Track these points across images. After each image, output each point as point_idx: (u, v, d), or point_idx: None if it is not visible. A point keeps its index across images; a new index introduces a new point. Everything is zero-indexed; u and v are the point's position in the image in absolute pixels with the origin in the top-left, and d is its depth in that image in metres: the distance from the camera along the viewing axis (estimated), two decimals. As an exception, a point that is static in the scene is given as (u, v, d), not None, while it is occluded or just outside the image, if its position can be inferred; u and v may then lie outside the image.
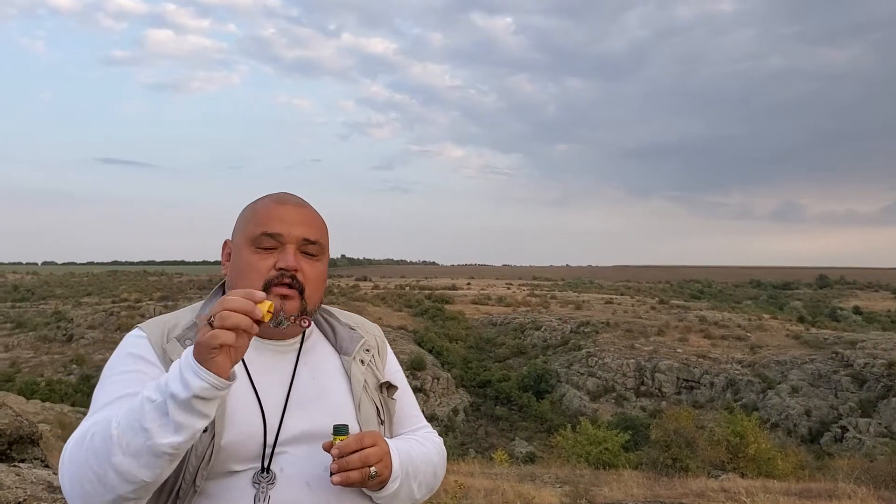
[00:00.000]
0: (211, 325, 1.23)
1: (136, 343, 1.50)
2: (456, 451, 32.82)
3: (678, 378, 61.39)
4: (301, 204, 1.61)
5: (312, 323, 1.66)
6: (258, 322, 1.27)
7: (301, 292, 1.51)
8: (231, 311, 1.24)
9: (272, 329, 1.49)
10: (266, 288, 1.47)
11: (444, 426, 53.43)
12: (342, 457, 1.40)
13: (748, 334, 72.65)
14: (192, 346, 1.25)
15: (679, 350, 66.75)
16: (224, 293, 1.53)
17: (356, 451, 1.40)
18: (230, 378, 1.25)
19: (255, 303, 1.27)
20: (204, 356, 1.22)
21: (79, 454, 1.27)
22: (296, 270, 1.51)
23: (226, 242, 1.64)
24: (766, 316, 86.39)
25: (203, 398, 1.22)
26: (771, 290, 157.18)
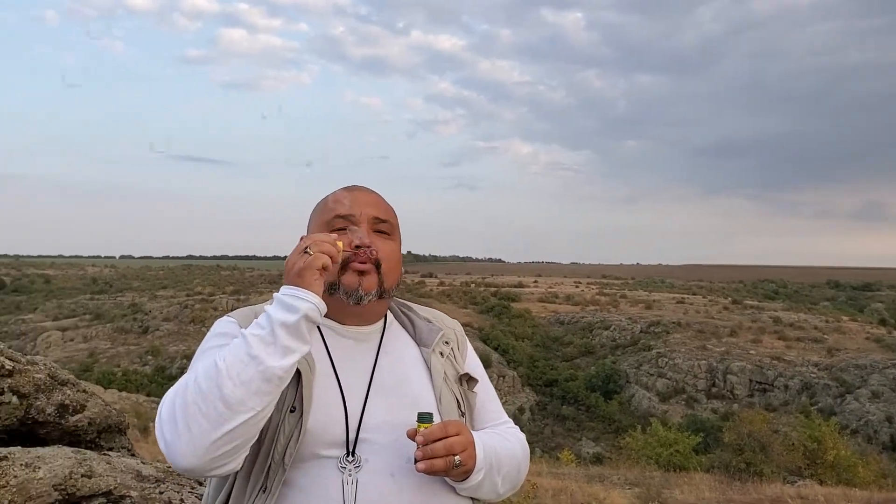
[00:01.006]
0: (307, 252, 1.37)
1: (226, 324, 1.56)
2: (522, 450, 32.66)
3: (751, 380, 59.86)
4: (368, 189, 1.68)
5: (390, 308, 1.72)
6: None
7: (378, 267, 1.56)
8: (320, 241, 1.40)
9: (353, 310, 1.57)
10: (344, 266, 1.53)
11: None
12: (426, 444, 1.39)
13: (825, 336, 70.39)
14: (285, 280, 1.39)
15: (752, 351, 65.08)
16: None
17: (440, 438, 1.40)
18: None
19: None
20: (307, 279, 1.37)
21: (182, 398, 1.31)
22: (370, 246, 1.55)
23: (302, 238, 1.65)
24: (844, 318, 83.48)
25: (309, 319, 1.35)
26: (850, 291, 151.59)
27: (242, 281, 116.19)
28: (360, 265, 1.54)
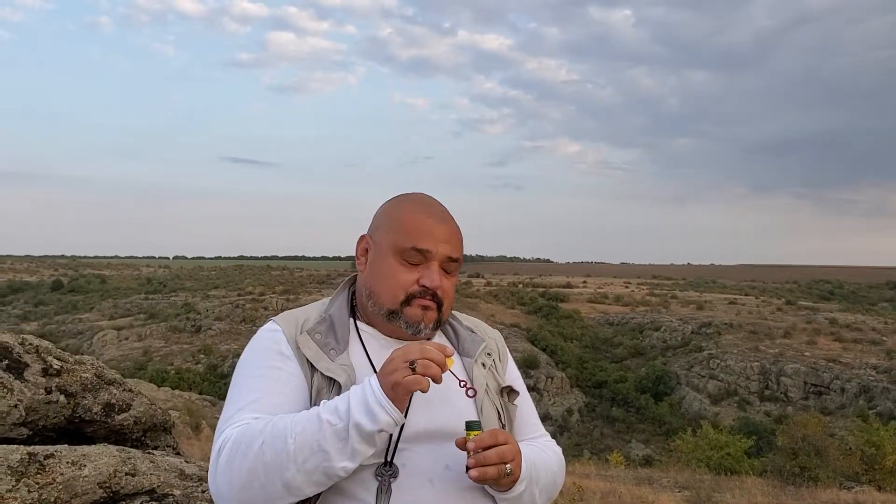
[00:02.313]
0: (413, 369, 1.32)
1: (272, 338, 1.55)
2: (570, 452, 32.48)
3: (805, 382, 58.52)
4: (447, 219, 1.64)
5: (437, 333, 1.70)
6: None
7: (440, 307, 1.57)
8: (432, 361, 1.34)
9: (404, 335, 1.58)
10: (408, 299, 1.54)
11: (558, 426, 53.04)
12: (478, 452, 1.38)
13: (884, 338, 68.43)
14: (380, 379, 1.35)
15: (807, 353, 63.65)
16: (354, 289, 1.68)
17: (491, 446, 1.39)
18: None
19: (447, 356, 1.39)
20: (399, 395, 1.33)
21: (245, 461, 1.33)
22: (439, 289, 1.56)
23: (363, 238, 1.66)
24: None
25: (384, 431, 1.34)
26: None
27: (292, 281, 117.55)
28: (426, 302, 1.55)
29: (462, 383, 1.45)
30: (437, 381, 1.35)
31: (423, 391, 1.33)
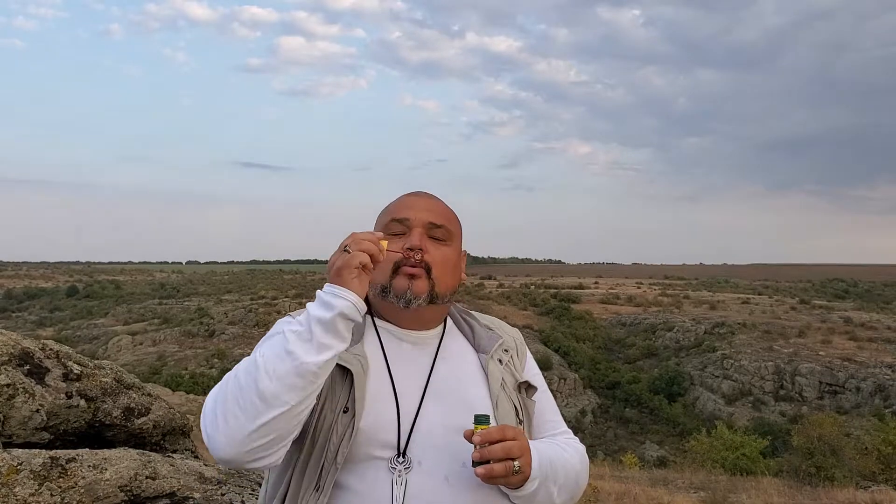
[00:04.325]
0: (346, 251, 1.38)
1: (283, 323, 1.57)
2: (584, 453, 32.35)
3: (820, 382, 58.06)
4: (431, 195, 1.69)
5: (449, 314, 1.73)
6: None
7: (428, 272, 1.57)
8: (362, 240, 1.40)
9: (408, 314, 1.59)
10: (395, 269, 1.56)
11: (572, 427, 51.07)
12: (484, 446, 1.38)
13: (900, 337, 67.86)
14: (328, 277, 1.40)
15: (822, 353, 63.16)
16: None
17: (498, 441, 1.39)
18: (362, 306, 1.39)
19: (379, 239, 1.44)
20: (344, 277, 1.37)
21: (223, 392, 1.36)
22: (421, 249, 1.56)
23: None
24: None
25: (346, 317, 1.36)
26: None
27: (304, 284, 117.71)
28: (411, 269, 1.56)
29: (407, 253, 1.54)
30: (375, 256, 1.40)
31: (365, 264, 1.38)
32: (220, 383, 1.40)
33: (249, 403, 1.31)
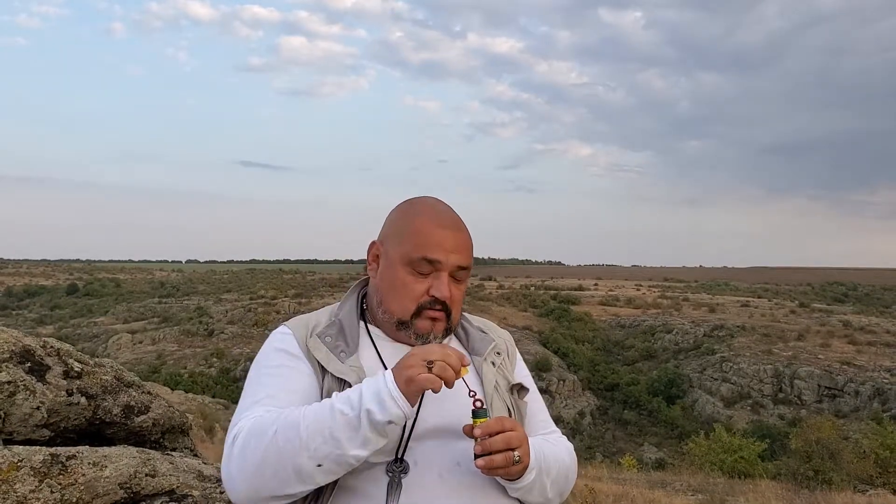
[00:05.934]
0: (429, 369, 1.35)
1: (283, 339, 1.59)
2: (582, 455, 32.32)
3: (819, 385, 58.02)
4: (458, 227, 1.64)
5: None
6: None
7: (448, 314, 1.59)
8: (449, 365, 1.36)
9: (414, 342, 1.59)
10: (419, 311, 1.57)
11: (570, 429, 52.83)
12: (484, 438, 1.40)
13: (899, 341, 67.82)
14: (395, 373, 1.37)
15: (821, 356, 63.13)
16: (365, 293, 1.71)
17: (498, 432, 1.40)
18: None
19: (463, 364, 1.40)
20: (411, 392, 1.34)
21: (258, 448, 1.36)
22: (448, 299, 1.58)
23: (374, 244, 1.68)
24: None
25: (394, 424, 1.35)
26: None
27: (304, 284, 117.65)
28: (435, 313, 1.58)
29: (472, 393, 1.45)
30: (449, 385, 1.37)
31: (435, 391, 1.35)
32: (253, 427, 1.39)
33: (284, 472, 1.34)
